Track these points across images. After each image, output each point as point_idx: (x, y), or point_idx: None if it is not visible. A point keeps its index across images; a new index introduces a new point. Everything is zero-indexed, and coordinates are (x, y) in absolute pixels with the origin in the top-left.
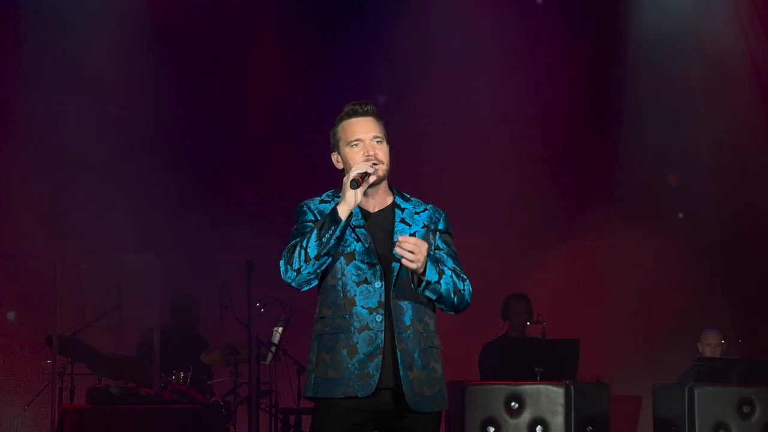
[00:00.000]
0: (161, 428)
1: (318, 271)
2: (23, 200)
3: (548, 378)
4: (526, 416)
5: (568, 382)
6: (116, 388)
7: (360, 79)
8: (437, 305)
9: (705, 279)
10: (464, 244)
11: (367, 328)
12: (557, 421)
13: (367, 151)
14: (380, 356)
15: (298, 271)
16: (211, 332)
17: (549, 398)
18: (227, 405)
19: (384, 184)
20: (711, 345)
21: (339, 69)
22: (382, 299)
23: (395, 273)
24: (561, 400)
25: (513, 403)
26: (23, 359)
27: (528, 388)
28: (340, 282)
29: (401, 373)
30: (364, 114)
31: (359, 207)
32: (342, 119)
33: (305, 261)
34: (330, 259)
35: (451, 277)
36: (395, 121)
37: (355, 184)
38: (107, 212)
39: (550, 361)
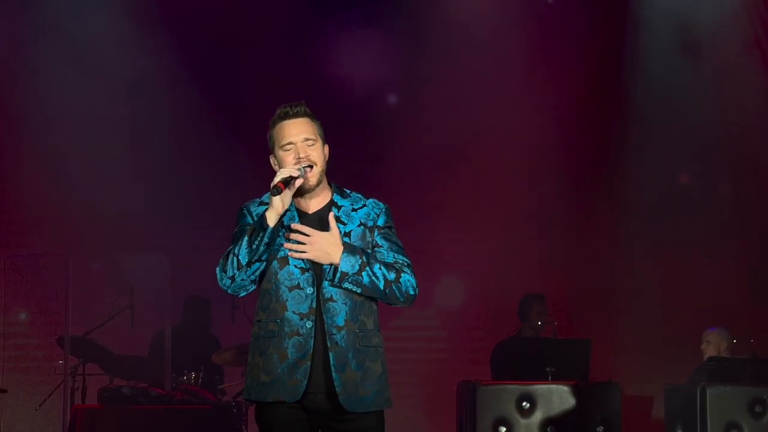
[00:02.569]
0: (172, 428)
1: (252, 277)
2: (35, 200)
3: (560, 378)
4: (537, 416)
5: (579, 382)
6: (128, 388)
7: (369, 79)
8: (377, 299)
9: (716, 278)
10: (475, 245)
11: (297, 333)
12: (569, 421)
13: (298, 154)
14: (308, 362)
15: (233, 278)
16: (222, 332)
17: (560, 398)
18: (238, 405)
19: (323, 184)
20: (711, 343)
21: (348, 68)
22: (314, 305)
23: (325, 273)
24: (572, 400)
25: (524, 403)
26: (35, 359)
27: (539, 388)
28: (274, 286)
29: (333, 375)
30: (295, 116)
31: (297, 209)
32: (275, 122)
33: (238, 268)
34: (262, 265)
35: (380, 269)
36: (406, 120)
37: (276, 191)
38: (118, 212)
39: (562, 360)
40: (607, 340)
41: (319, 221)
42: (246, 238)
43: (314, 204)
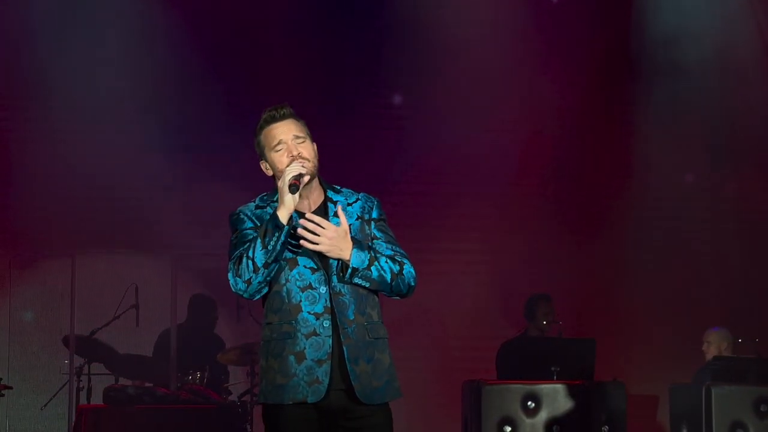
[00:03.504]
0: (178, 428)
1: (268, 279)
2: (40, 201)
3: (565, 377)
4: (542, 416)
5: (584, 381)
6: (133, 388)
7: (376, 78)
8: (381, 292)
9: (723, 278)
10: (481, 245)
11: (315, 333)
12: (574, 420)
13: (291, 151)
14: (329, 361)
15: (249, 282)
16: (227, 332)
17: (566, 398)
18: (243, 405)
19: (315, 182)
20: (712, 343)
21: (356, 68)
22: (328, 304)
23: (333, 269)
24: (578, 399)
25: (530, 403)
26: (40, 359)
27: (545, 388)
28: (285, 288)
29: (348, 368)
30: (282, 118)
31: (295, 210)
32: (262, 127)
33: (254, 271)
34: (278, 265)
35: (386, 262)
36: (410, 120)
37: (294, 188)
38: (124, 212)
39: (567, 360)
40: (612, 339)
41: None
42: (259, 240)
43: (311, 204)
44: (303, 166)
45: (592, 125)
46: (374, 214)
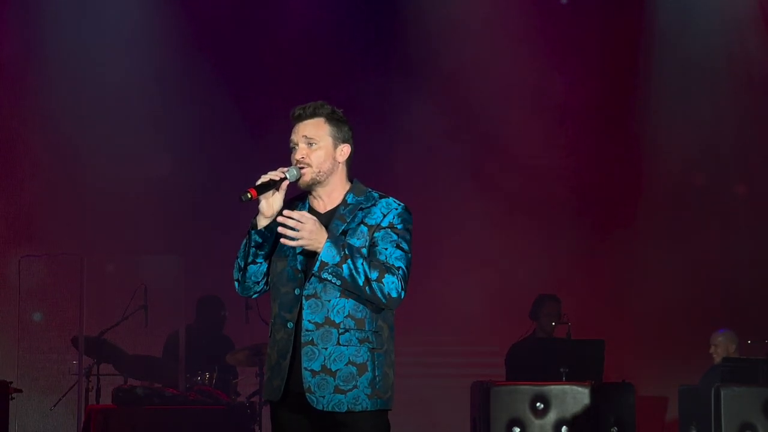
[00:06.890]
0: (186, 429)
1: (254, 279)
2: (49, 201)
3: (574, 378)
4: (551, 417)
5: (593, 382)
6: (142, 388)
7: (384, 79)
8: (360, 295)
9: (732, 279)
10: (489, 246)
11: (283, 334)
12: (583, 421)
13: (295, 155)
14: (288, 363)
15: (238, 281)
16: (236, 333)
17: (574, 399)
18: (252, 406)
19: (338, 182)
20: (719, 346)
21: (365, 67)
22: (298, 307)
23: (316, 268)
24: (586, 400)
25: (538, 404)
26: (50, 360)
27: (553, 389)
28: (274, 287)
29: (302, 372)
30: (301, 117)
31: (311, 208)
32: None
33: (239, 271)
34: (259, 267)
35: (362, 265)
36: (417, 121)
37: (244, 197)
38: (133, 213)
39: (576, 361)
40: (621, 340)
41: (326, 222)
42: (244, 242)
43: (328, 203)
44: (285, 172)
45: (601, 125)
46: (385, 221)
